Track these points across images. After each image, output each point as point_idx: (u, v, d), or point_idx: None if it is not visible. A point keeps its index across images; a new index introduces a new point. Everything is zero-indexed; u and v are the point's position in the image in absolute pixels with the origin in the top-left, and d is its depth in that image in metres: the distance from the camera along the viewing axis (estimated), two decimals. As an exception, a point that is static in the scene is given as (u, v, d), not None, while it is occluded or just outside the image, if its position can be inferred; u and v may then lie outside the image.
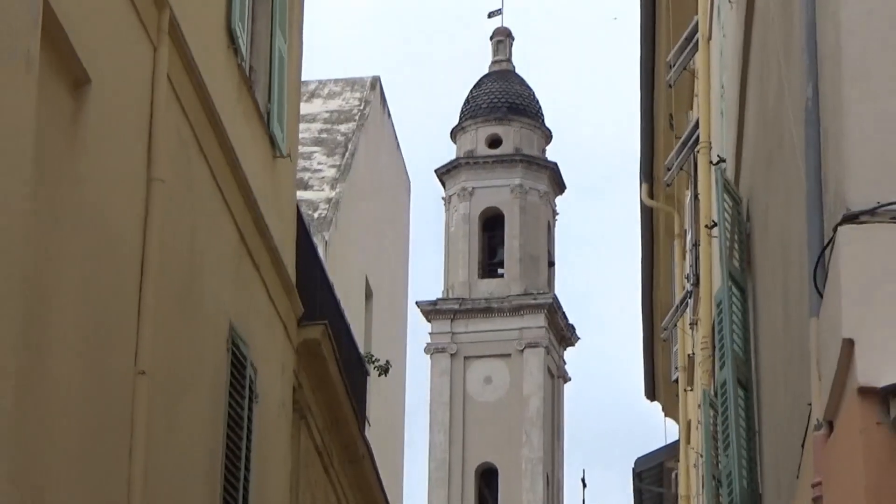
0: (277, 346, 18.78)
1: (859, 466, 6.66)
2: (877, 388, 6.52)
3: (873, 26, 7.23)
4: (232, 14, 15.95)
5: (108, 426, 12.08)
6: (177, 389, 13.93)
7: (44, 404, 10.57)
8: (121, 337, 12.16)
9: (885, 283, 6.76)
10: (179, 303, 14.20)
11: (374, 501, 25.81)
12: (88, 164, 11.65)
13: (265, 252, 17.99)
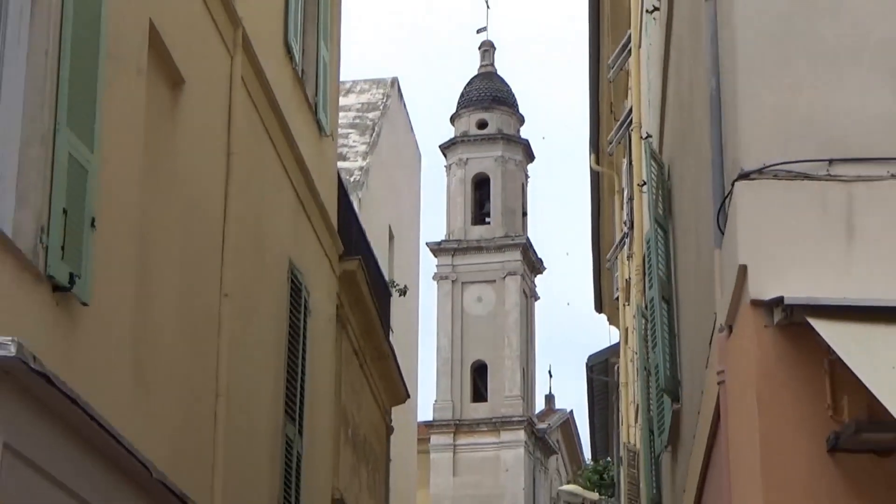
0: (324, 275, 19.46)
1: (752, 358, 6.89)
2: (764, 300, 6.76)
3: (759, 32, 7.35)
4: (288, 31, 16.90)
5: (201, 334, 12.72)
6: (251, 307, 14.65)
7: (153, 318, 11.08)
8: (209, 269, 12.88)
9: (769, 223, 6.97)
10: (252, 243, 14.82)
11: (395, 388, 26.69)
12: (183, 142, 12.27)
13: (314, 206, 18.69)
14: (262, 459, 15.20)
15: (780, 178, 7.04)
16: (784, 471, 6.74)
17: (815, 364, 6.73)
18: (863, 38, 7.31)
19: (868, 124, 7.14)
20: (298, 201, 17.68)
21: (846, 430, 6.59)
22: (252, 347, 14.86)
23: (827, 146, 7.07)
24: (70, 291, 9.18)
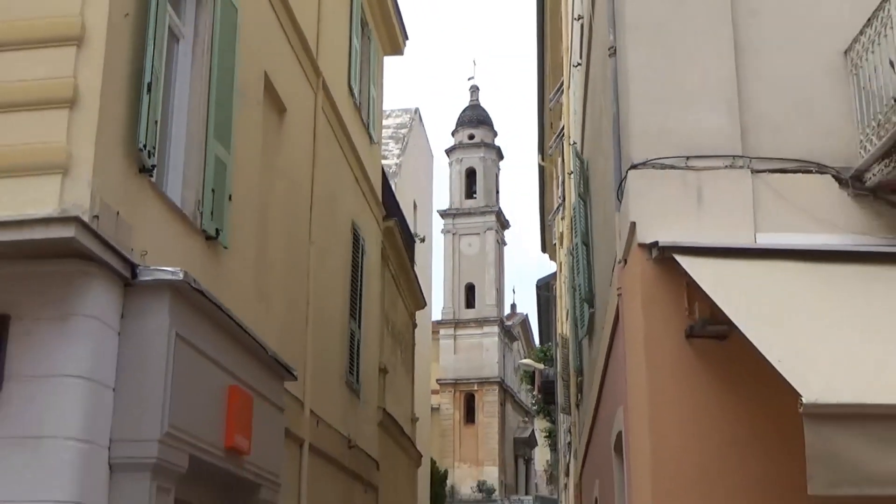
0: (373, 230, 19.25)
1: (638, 279, 6.93)
2: (646, 244, 6.79)
3: (643, 78, 7.36)
4: (350, 77, 16.76)
5: (298, 265, 12.87)
6: (328, 249, 14.60)
7: (268, 255, 11.29)
8: (302, 225, 13.17)
9: (648, 196, 7.03)
10: (328, 210, 14.72)
11: (417, 299, 26.64)
12: (285, 147, 12.33)
13: (367, 186, 18.55)
14: (335, 344, 15.25)
15: (656, 167, 7.08)
16: (659, 348, 6.81)
17: (677, 282, 6.74)
18: (706, 77, 7.28)
19: (709, 134, 7.13)
20: (357, 184, 17.52)
21: (697, 323, 6.65)
22: (329, 274, 14.79)
23: (684, 148, 7.09)
24: (216, 240, 9.34)
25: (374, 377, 18.97)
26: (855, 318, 5.94)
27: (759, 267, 6.68)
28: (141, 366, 7.37)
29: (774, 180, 7.14)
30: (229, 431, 8.78)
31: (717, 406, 6.64)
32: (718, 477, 6.51)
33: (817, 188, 7.13)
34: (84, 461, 6.81)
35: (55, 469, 6.65)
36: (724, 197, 7.05)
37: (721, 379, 6.69)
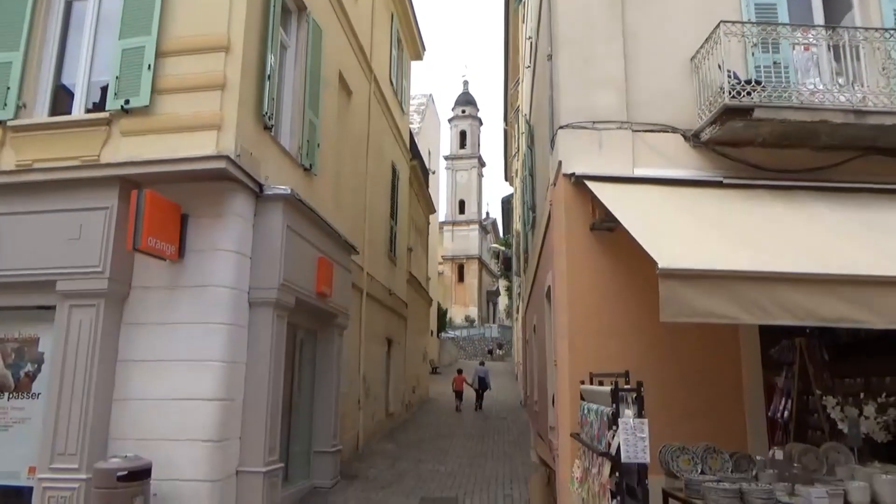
0: (404, 167, 18.55)
1: (562, 195, 6.69)
2: (567, 174, 6.58)
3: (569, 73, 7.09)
4: (391, 73, 16.07)
5: (359, 187, 12.70)
6: (377, 180, 14.05)
7: (342, 181, 10.40)
8: (362, 163, 12.25)
9: (570, 145, 6.73)
10: (377, 154, 14.33)
11: (430, 207, 25.90)
12: (352, 116, 11.71)
13: (401, 141, 17.85)
14: (381, 233, 15.09)
15: (575, 128, 6.90)
16: (573, 236, 6.72)
17: (585, 197, 6.64)
18: (605, 74, 7.05)
19: (607, 108, 6.93)
20: (395, 138, 16.99)
21: (596, 221, 6.60)
22: (378, 191, 14.55)
23: (592, 116, 6.88)
24: (310, 171, 9.19)
25: (405, 253, 18.90)
26: (693, 219, 5.86)
27: (634, 188, 6.57)
28: (266, 244, 7.43)
29: (646, 137, 6.98)
30: (318, 283, 8.88)
31: (608, 270, 6.63)
32: (607, 311, 6.54)
33: (672, 142, 6.97)
34: (233, 300, 6.96)
35: (217, 304, 6.80)
36: (615, 146, 6.89)
37: (610, 255, 6.64)
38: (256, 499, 6.80)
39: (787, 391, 5.96)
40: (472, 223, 67.10)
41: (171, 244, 6.70)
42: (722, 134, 6.62)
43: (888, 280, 4.52)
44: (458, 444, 13.82)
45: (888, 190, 6.61)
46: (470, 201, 68.21)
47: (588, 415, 5.28)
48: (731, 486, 4.59)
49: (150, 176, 6.83)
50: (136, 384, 6.64)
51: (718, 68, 6.55)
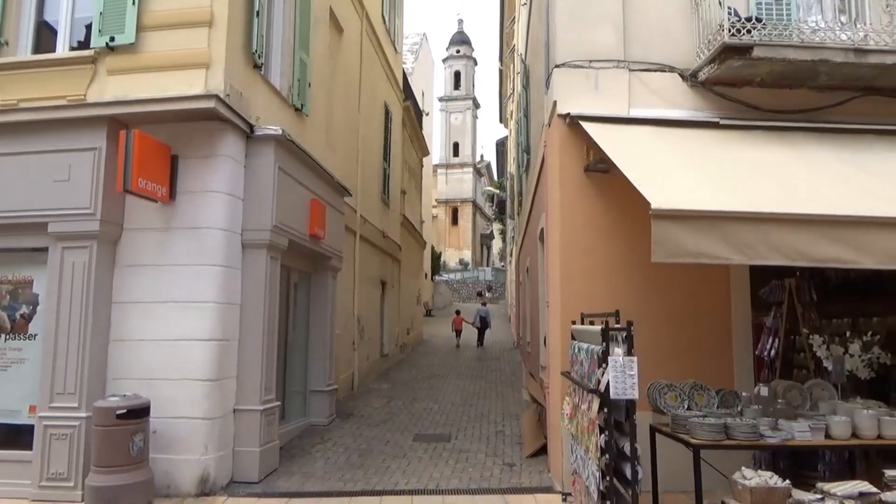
0: (397, 107, 18.37)
1: (556, 136, 6.66)
2: (562, 114, 6.52)
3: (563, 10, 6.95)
4: (384, 10, 15.90)
5: (352, 128, 12.43)
6: (370, 117, 13.84)
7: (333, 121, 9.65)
8: (354, 102, 11.75)
9: (565, 84, 6.66)
10: (370, 93, 14.04)
11: (424, 149, 25.42)
12: (344, 54, 10.47)
13: (394, 80, 17.61)
14: (375, 175, 15.00)
15: (570, 67, 6.80)
16: (568, 177, 6.70)
17: (580, 138, 6.59)
18: (603, 12, 6.90)
19: (603, 46, 6.81)
20: (387, 78, 16.75)
21: (591, 163, 6.58)
22: (370, 133, 14.39)
23: (588, 55, 6.79)
24: (301, 111, 9.10)
25: (398, 196, 18.84)
26: (687, 160, 5.83)
27: (630, 129, 6.51)
28: (258, 185, 7.41)
29: (642, 76, 6.88)
30: (311, 225, 8.88)
31: (600, 211, 6.64)
32: (599, 252, 6.58)
33: (669, 81, 6.87)
34: (226, 242, 6.96)
35: (210, 246, 6.81)
36: (611, 86, 6.80)
37: (603, 196, 6.64)
38: (254, 436, 6.99)
39: (775, 330, 6.08)
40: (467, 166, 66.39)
41: (162, 186, 6.66)
42: (720, 73, 6.53)
43: (878, 220, 4.55)
44: (451, 384, 14.13)
45: (886, 131, 6.59)
46: (464, 144, 67.24)
47: (579, 354, 5.40)
48: (716, 421, 4.75)
49: (138, 116, 6.74)
50: (132, 325, 6.71)
51: (719, 5, 6.42)
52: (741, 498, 4.42)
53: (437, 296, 39.86)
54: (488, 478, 7.03)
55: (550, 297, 7.03)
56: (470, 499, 6.24)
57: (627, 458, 4.45)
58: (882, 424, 4.72)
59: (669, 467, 5.41)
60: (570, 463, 5.75)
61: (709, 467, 4.81)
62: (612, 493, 4.48)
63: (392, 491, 6.56)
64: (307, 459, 7.82)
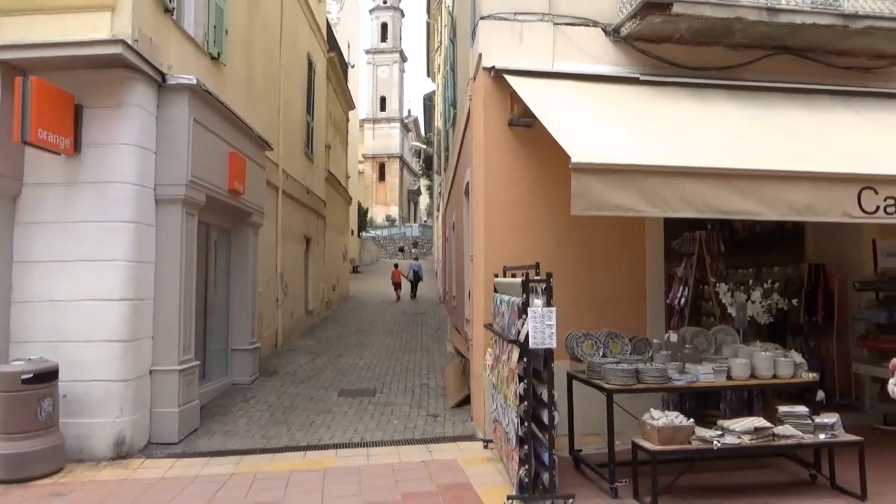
0: (321, 59, 17.78)
1: (481, 89, 6.64)
2: (487, 67, 6.51)
3: None
4: None
5: (272, 78, 12.08)
6: (292, 70, 13.26)
7: (253, 72, 9.18)
8: (275, 52, 11.02)
9: (490, 37, 6.61)
10: (292, 44, 13.60)
11: (350, 102, 24.83)
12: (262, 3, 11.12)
13: (318, 30, 16.95)
14: (297, 129, 14.62)
15: (496, 19, 6.77)
16: (492, 131, 6.73)
17: (504, 91, 6.63)
18: None
19: (528, 1, 6.95)
20: (310, 28, 16.14)
21: (514, 117, 6.62)
22: (293, 85, 13.96)
23: (513, 7, 6.75)
24: (218, 60, 8.77)
25: (322, 150, 18.42)
26: (607, 115, 5.97)
27: (553, 83, 6.58)
28: (172, 138, 7.12)
29: (567, 30, 6.93)
30: (230, 179, 8.64)
31: (524, 166, 6.72)
32: (522, 206, 6.68)
33: (592, 36, 6.96)
34: (138, 197, 6.69)
35: (120, 201, 6.53)
36: (535, 39, 6.82)
37: (527, 150, 6.72)
38: (172, 396, 6.86)
39: (686, 280, 6.44)
40: (394, 121, 65.46)
41: (65, 137, 6.30)
42: (641, 29, 6.66)
43: (781, 174, 4.85)
44: (376, 340, 14.25)
45: (794, 89, 6.93)
46: (391, 98, 66.08)
47: (500, 306, 5.57)
48: (628, 367, 5.03)
49: (37, 62, 6.31)
50: (36, 286, 6.41)
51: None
52: (650, 437, 4.74)
53: (364, 252, 39.70)
54: (412, 429, 7.19)
55: (474, 250, 7.15)
56: (394, 450, 6.38)
57: (545, 405, 4.67)
58: (777, 365, 5.12)
59: (585, 411, 5.71)
60: (491, 411, 5.97)
61: (622, 410, 5.09)
62: (529, 438, 4.69)
63: (316, 446, 6.62)
64: (229, 418, 7.77)
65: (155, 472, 5.90)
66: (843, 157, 5.35)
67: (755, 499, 4.82)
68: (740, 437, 4.72)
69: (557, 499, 4.67)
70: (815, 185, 4.87)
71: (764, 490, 5.05)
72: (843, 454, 4.94)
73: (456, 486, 5.18)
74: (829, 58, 7.15)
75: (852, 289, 7.19)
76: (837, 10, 6.61)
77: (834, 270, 7.34)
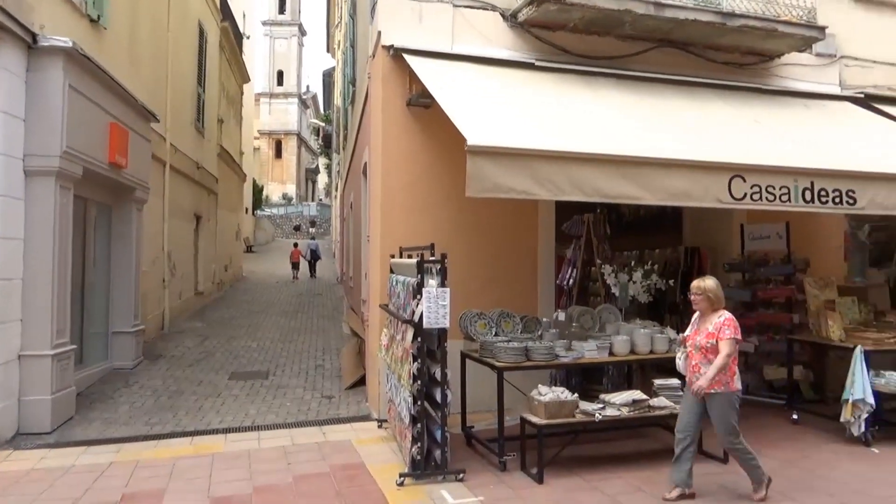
0: (214, 28, 16.88)
1: (380, 67, 6.68)
2: (386, 45, 6.52)
3: None
4: None
5: (160, 48, 11.46)
6: (182, 39, 12.88)
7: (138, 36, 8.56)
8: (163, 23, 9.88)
9: (389, 15, 6.61)
10: (181, 11, 12.92)
11: (244, 76, 23.88)
12: None
13: None
14: (187, 100, 13.90)
15: (395, -3, 6.79)
16: (390, 111, 6.67)
17: (403, 71, 6.58)
18: None
19: None
20: None
21: (413, 97, 6.59)
22: (182, 54, 13.22)
23: None
24: (98, 22, 8.23)
25: (215, 124, 17.61)
26: (503, 99, 6.06)
27: (452, 64, 6.62)
28: (44, 105, 6.62)
29: (466, 13, 6.98)
30: (111, 152, 8.14)
31: (422, 147, 6.73)
32: (420, 187, 6.70)
33: (491, 20, 7.05)
34: (3, 168, 6.18)
35: (-18, 171, 5.99)
36: (435, 20, 6.83)
37: (426, 131, 6.72)
38: (44, 383, 6.42)
39: (574, 261, 6.72)
40: (292, 96, 63.47)
41: (-85, 98, 5.71)
42: (537, 16, 6.82)
43: (661, 162, 5.14)
44: (270, 321, 13.93)
45: (677, 81, 7.33)
46: (289, 73, 63.86)
47: (396, 286, 5.60)
48: (518, 345, 5.21)
49: None
50: None
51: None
52: (537, 412, 4.94)
53: (258, 231, 38.53)
54: (306, 411, 7.11)
55: (371, 231, 7.11)
56: (286, 433, 6.28)
57: (438, 383, 4.77)
58: (654, 341, 5.48)
59: (478, 389, 5.85)
60: (386, 391, 6.00)
61: (513, 387, 5.25)
62: (422, 416, 4.78)
63: (204, 431, 6.41)
64: (109, 405, 7.38)
65: (23, 464, 5.51)
66: (717, 147, 5.71)
67: (632, 465, 5.12)
68: (620, 409, 5.01)
69: (448, 474, 4.80)
70: (691, 172, 5.18)
71: (640, 457, 5.37)
72: (711, 423, 5.32)
73: (349, 466, 5.18)
74: (708, 53, 7.62)
75: (722, 270, 7.72)
76: (717, 9, 7.07)
77: (707, 253, 7.86)
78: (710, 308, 4.49)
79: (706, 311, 4.51)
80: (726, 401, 4.36)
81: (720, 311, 4.48)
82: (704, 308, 4.51)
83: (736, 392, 4.41)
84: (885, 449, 5.67)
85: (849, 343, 6.07)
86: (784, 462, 5.31)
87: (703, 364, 4.40)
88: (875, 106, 8.19)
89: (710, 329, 4.41)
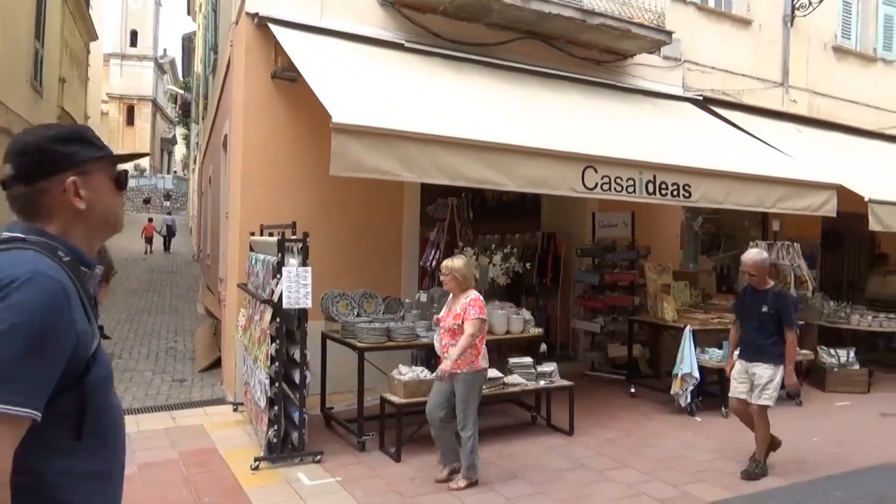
0: None
1: (243, 36, 6.43)
2: (251, 13, 6.27)
3: None
4: None
5: None
6: None
7: None
8: None
9: None
10: None
11: (91, 33, 21.26)
12: None
13: None
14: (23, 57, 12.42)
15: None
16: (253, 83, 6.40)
17: (269, 41, 6.34)
18: None
19: None
20: None
21: (278, 69, 6.34)
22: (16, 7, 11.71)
23: None
24: None
25: (55, 85, 15.96)
26: (371, 78, 5.98)
27: (320, 39, 6.45)
28: None
29: (337, -13, 6.83)
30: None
31: (286, 122, 6.51)
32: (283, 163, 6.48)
33: (361, -3, 6.95)
34: None
35: None
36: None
37: (291, 106, 6.50)
38: None
39: (437, 243, 6.81)
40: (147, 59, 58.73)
41: None
42: (408, -4, 6.78)
43: (521, 150, 5.32)
44: (118, 301, 12.98)
45: (540, 72, 7.59)
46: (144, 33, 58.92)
47: (255, 265, 5.41)
48: (379, 326, 5.21)
49: None
50: None
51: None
52: (397, 391, 4.99)
53: (106, 204, 35.63)
54: (154, 396, 6.73)
55: (231, 207, 6.81)
56: (132, 419, 5.83)
57: (297, 365, 4.68)
58: (510, 321, 5.69)
59: (339, 370, 5.79)
60: (242, 374, 5.81)
61: (375, 368, 5.23)
62: (280, 399, 4.66)
63: (38, 417, 5.84)
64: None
65: None
66: (573, 138, 5.99)
67: (487, 440, 5.27)
68: (477, 387, 5.13)
69: (306, 456, 4.74)
70: (548, 161, 5.41)
71: (495, 432, 5.57)
72: (561, 397, 5.62)
73: (200, 452, 4.97)
74: (569, 48, 7.94)
75: (575, 255, 8.15)
76: (578, 5, 7.41)
77: (562, 238, 8.27)
78: (458, 288, 4.40)
79: (456, 292, 4.42)
80: (471, 380, 4.30)
81: (468, 290, 4.39)
82: (454, 288, 4.42)
83: (481, 371, 4.37)
84: (707, 418, 6.26)
85: (680, 323, 6.61)
86: (621, 432, 5.75)
87: (452, 345, 4.30)
88: (712, 108, 8.95)
89: (458, 310, 4.32)
